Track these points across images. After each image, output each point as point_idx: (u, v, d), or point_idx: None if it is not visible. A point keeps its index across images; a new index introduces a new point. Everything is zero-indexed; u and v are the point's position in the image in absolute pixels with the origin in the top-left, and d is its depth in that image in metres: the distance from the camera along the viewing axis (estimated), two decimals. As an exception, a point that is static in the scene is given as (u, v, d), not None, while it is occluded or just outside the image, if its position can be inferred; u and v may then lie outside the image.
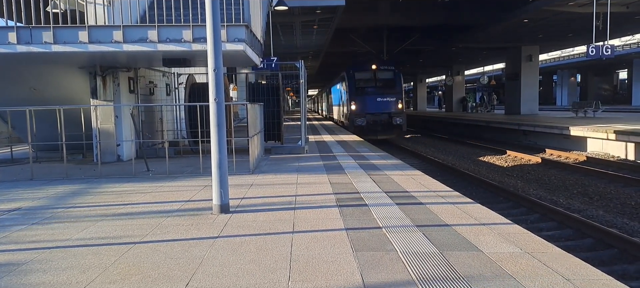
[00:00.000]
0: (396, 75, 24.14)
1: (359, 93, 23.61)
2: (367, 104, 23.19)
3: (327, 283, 3.53)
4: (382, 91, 23.43)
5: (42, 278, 3.72)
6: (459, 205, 5.96)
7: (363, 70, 24.48)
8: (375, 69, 24.16)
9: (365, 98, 23.38)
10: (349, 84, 24.22)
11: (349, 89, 24.10)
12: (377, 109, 23.06)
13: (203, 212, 5.84)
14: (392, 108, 23.19)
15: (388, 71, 24.27)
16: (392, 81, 23.98)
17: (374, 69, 24.17)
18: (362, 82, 23.96)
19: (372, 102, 23.19)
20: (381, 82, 23.94)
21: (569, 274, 3.62)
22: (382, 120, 23.01)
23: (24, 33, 8.41)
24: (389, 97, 23.29)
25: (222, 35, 8.17)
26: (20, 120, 10.99)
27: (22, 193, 7.45)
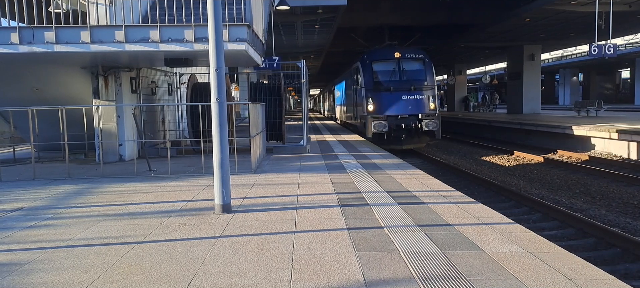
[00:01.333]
0: (427, 66, 18.59)
1: (378, 89, 18.15)
2: (388, 104, 17.92)
3: (329, 282, 3.53)
4: (408, 86, 17.90)
5: (44, 278, 3.72)
6: (460, 205, 5.95)
7: (383, 58, 18.80)
8: (399, 58, 18.52)
9: (386, 95, 17.99)
10: (365, 77, 18.67)
11: (365, 83, 18.57)
12: (402, 109, 17.72)
13: (205, 212, 5.84)
14: (421, 108, 17.84)
15: (416, 60, 18.68)
16: (422, 73, 18.45)
17: (398, 57, 18.54)
18: (382, 75, 18.45)
19: (396, 100, 17.87)
20: (407, 74, 18.33)
21: (571, 274, 3.62)
22: (409, 125, 17.64)
23: (26, 33, 8.43)
24: (417, 94, 17.87)
25: (224, 35, 8.16)
26: (22, 120, 11.01)
27: (25, 193, 7.47)
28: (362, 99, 18.82)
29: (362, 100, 18.78)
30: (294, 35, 23.35)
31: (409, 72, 18.37)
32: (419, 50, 19.32)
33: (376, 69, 18.64)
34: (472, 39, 28.15)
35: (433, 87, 18.35)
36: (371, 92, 18.25)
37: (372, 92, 18.21)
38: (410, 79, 18.17)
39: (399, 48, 19.47)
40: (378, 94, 18.10)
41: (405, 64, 18.55)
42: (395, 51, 18.86)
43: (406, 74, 18.30)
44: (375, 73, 18.53)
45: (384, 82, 18.26)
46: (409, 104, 17.78)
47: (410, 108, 17.71)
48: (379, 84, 18.30)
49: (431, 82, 18.40)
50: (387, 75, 18.40)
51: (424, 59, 18.74)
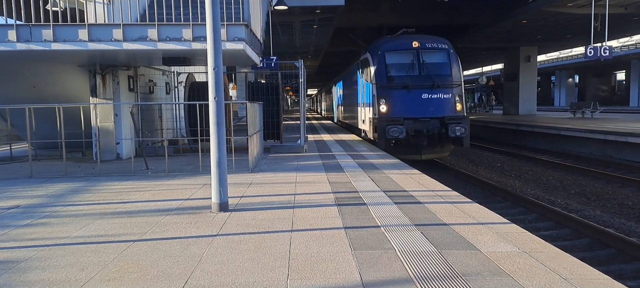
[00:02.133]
0: (451, 58, 15.38)
1: (392, 86, 14.94)
2: (405, 104, 14.68)
3: (325, 281, 3.55)
4: (430, 83, 14.68)
5: (41, 276, 3.73)
6: (457, 205, 5.98)
7: (399, 49, 15.47)
8: (418, 48, 15.25)
9: (402, 94, 14.81)
10: (377, 71, 15.28)
11: (377, 78, 15.22)
12: (422, 111, 14.58)
13: (202, 210, 5.85)
14: (446, 110, 14.64)
15: (438, 51, 15.47)
16: (446, 66, 15.26)
17: (416, 47, 15.27)
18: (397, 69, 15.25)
19: (415, 100, 14.70)
20: (428, 67, 15.04)
21: (566, 273, 3.65)
22: (431, 130, 14.40)
23: (23, 31, 8.42)
24: (440, 93, 14.72)
25: (222, 34, 8.18)
26: (19, 118, 10.98)
27: (22, 190, 7.46)
28: (372, 98, 15.45)
29: (371, 100, 15.49)
30: (292, 35, 23.37)
31: (431, 66, 15.06)
32: (442, 39, 15.86)
33: (390, 61, 15.23)
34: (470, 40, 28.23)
35: (459, 83, 15.11)
36: (384, 89, 14.94)
37: (386, 90, 14.90)
38: (432, 73, 14.85)
39: (417, 36, 15.78)
40: (392, 92, 14.84)
41: (425, 55, 15.17)
42: (413, 40, 15.39)
43: (427, 68, 14.97)
44: (389, 66, 15.15)
45: (400, 78, 14.92)
46: (431, 104, 14.60)
47: (432, 109, 14.55)
48: (393, 80, 14.95)
49: (457, 77, 15.16)
50: (403, 69, 15.07)
51: (448, 49, 15.45)
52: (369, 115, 16.05)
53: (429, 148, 14.99)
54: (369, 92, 15.90)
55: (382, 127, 14.22)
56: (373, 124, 15.40)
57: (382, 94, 14.92)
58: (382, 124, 14.26)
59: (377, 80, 15.15)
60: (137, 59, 10.61)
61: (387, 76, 15.04)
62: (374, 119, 15.22)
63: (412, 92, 14.72)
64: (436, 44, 15.54)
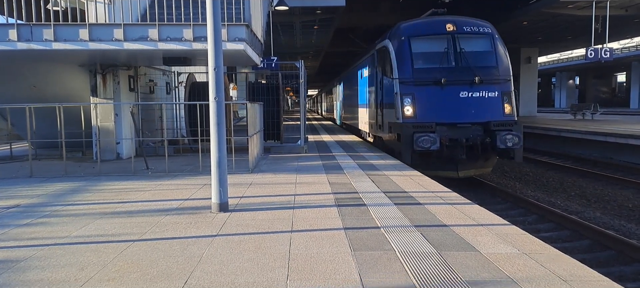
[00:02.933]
0: (497, 45, 12.14)
1: (420, 81, 11.73)
2: (438, 105, 11.61)
3: (325, 282, 3.55)
4: (470, 77, 11.51)
5: (40, 275, 3.73)
6: (456, 206, 5.98)
7: (429, 33, 12.23)
8: (454, 32, 12.02)
9: (434, 92, 11.64)
10: (400, 62, 12.04)
11: (400, 72, 11.94)
12: (460, 114, 11.53)
13: (202, 211, 5.85)
14: (492, 112, 11.61)
15: (481, 36, 12.20)
16: (490, 55, 12.03)
17: (451, 30, 12.06)
18: (427, 59, 11.97)
19: (450, 100, 11.58)
20: (468, 57, 11.79)
21: (566, 275, 3.64)
22: (471, 139, 11.26)
23: (24, 30, 8.42)
24: (485, 90, 11.59)
25: (223, 34, 8.17)
26: (20, 118, 10.98)
27: (21, 190, 7.46)
28: (392, 97, 12.13)
29: (391, 100, 12.19)
30: (292, 36, 23.38)
31: (470, 55, 11.78)
32: (483, 22, 12.64)
33: (418, 49, 11.95)
34: (470, 41, 28.19)
35: (509, 78, 11.90)
36: (409, 86, 11.69)
37: (412, 87, 11.67)
38: (473, 65, 11.62)
39: (451, 18, 12.55)
40: (421, 90, 11.61)
41: (463, 41, 11.91)
42: (446, 22, 12.17)
43: (465, 58, 11.70)
44: (417, 56, 11.89)
45: (431, 71, 11.65)
46: (471, 105, 11.44)
47: (474, 112, 11.43)
48: (422, 74, 11.69)
49: (505, 70, 11.95)
50: (435, 60, 11.81)
51: (492, 34, 12.24)
52: (388, 118, 12.60)
53: (469, 162, 11.64)
54: (389, 90, 12.49)
55: (407, 135, 11.02)
56: (394, 130, 12.04)
57: (408, 92, 11.64)
58: (407, 130, 11.11)
59: (400, 74, 11.84)
60: (138, 58, 10.61)
61: (413, 69, 11.72)
62: (395, 124, 11.86)
63: (447, 89, 11.44)
64: (477, 27, 12.25)
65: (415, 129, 11.16)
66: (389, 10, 22.75)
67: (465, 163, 11.69)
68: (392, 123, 12.19)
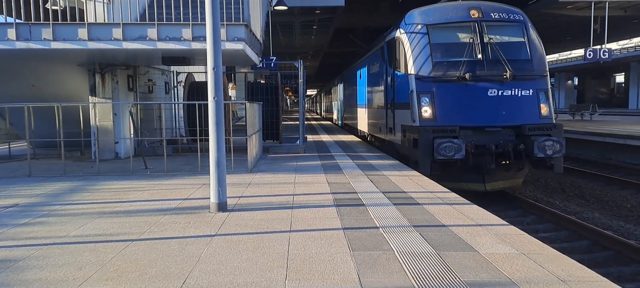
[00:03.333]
0: (530, 35, 10.51)
1: (441, 77, 10.15)
2: (463, 105, 10.06)
3: (323, 282, 3.55)
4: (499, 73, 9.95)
5: (39, 275, 3.72)
6: (455, 206, 5.98)
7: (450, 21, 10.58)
8: (480, 19, 10.39)
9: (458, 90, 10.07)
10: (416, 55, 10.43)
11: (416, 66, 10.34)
12: (488, 116, 9.99)
13: (201, 210, 5.85)
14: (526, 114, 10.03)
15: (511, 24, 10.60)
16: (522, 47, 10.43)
17: (477, 17, 10.44)
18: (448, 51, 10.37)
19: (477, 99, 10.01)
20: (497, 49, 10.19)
21: (564, 275, 3.65)
22: (502, 145, 9.79)
23: (23, 29, 8.41)
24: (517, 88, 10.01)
25: (222, 34, 8.18)
26: (18, 117, 10.98)
27: (20, 189, 7.45)
28: (406, 95, 10.53)
29: (405, 99, 10.59)
30: (291, 36, 23.39)
31: (500, 47, 10.14)
32: (514, 8, 10.96)
33: (437, 39, 10.34)
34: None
35: (545, 73, 10.25)
36: (428, 83, 10.09)
37: (430, 84, 10.07)
38: (503, 58, 9.97)
39: (476, 2, 10.85)
40: (442, 88, 10.03)
41: (491, 30, 10.29)
42: (470, 8, 10.56)
43: (494, 50, 10.08)
44: (436, 48, 10.25)
45: (454, 65, 10.03)
46: (502, 105, 9.88)
47: (505, 113, 9.86)
48: (443, 69, 10.09)
49: (541, 64, 10.29)
50: (458, 52, 10.18)
51: (524, 22, 10.61)
52: (401, 120, 11.03)
53: (498, 173, 10.13)
54: (402, 87, 10.87)
55: (426, 141, 9.49)
56: (408, 134, 10.35)
57: (426, 90, 10.02)
58: (426, 135, 9.52)
59: (417, 68, 10.21)
60: (137, 58, 10.61)
61: (433, 63, 10.08)
62: (410, 127, 10.25)
63: (473, 86, 9.84)
64: (506, 14, 10.59)
65: (436, 133, 9.55)
66: (388, 10, 22.75)
67: (493, 175, 10.10)
68: (406, 126, 10.52)
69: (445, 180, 9.21)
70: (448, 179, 9.71)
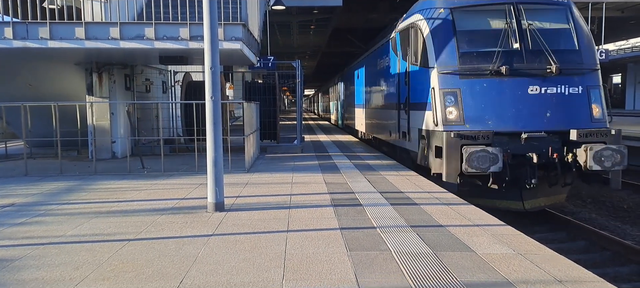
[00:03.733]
0: (577, 23, 8.90)
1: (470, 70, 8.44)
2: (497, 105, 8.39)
3: (321, 282, 3.55)
4: (542, 65, 8.30)
5: (35, 274, 3.71)
6: (453, 206, 5.99)
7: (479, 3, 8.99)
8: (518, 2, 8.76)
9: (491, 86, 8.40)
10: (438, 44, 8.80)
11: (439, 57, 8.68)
12: (529, 119, 8.26)
13: (198, 210, 5.84)
14: (575, 116, 8.36)
15: (553, 8, 9.06)
16: (568, 36, 8.81)
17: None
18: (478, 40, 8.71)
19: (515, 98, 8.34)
20: (538, 38, 8.47)
21: (561, 276, 3.65)
22: (545, 155, 8.14)
23: (20, 28, 8.38)
24: (563, 84, 8.31)
25: (219, 33, 8.17)
26: (15, 116, 10.94)
27: (16, 189, 7.43)
28: (425, 93, 8.91)
29: (424, 97, 8.98)
30: (289, 35, 23.37)
31: (542, 34, 8.44)
32: None
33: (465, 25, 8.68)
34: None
35: (596, 67, 8.63)
36: (453, 77, 8.44)
37: (456, 79, 8.41)
38: (545, 48, 8.27)
39: None
40: (471, 84, 8.35)
41: (530, 15, 8.65)
42: None
43: (535, 39, 8.40)
44: (463, 36, 8.56)
45: (486, 56, 8.37)
46: (546, 105, 8.19)
47: (550, 115, 8.17)
48: (472, 60, 8.44)
49: (590, 55, 8.67)
50: (490, 41, 8.51)
51: (569, 5, 9.01)
52: (417, 123, 9.34)
53: (540, 188, 8.38)
54: (420, 84, 9.19)
55: (452, 149, 7.87)
56: (428, 140, 8.65)
57: (451, 86, 8.36)
58: (452, 142, 7.88)
59: (440, 61, 8.53)
60: (134, 57, 10.58)
61: (459, 53, 8.43)
62: (430, 132, 8.56)
63: (510, 82, 8.19)
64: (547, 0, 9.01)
65: (464, 140, 7.85)
66: (389, 10, 22.74)
67: (534, 190, 8.34)
68: (426, 130, 8.77)
69: (474, 196, 7.93)
70: (478, 195, 8.21)
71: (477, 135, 7.92)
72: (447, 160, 7.92)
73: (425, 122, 8.88)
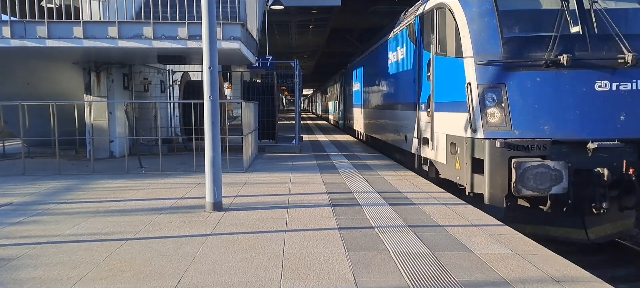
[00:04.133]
0: None
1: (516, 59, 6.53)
2: (554, 106, 6.40)
3: (319, 282, 3.55)
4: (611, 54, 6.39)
5: (33, 274, 3.70)
6: (451, 207, 5.99)
7: None
8: None
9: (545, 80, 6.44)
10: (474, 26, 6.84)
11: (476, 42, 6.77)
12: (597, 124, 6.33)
13: (196, 210, 5.83)
14: None
15: None
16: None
17: None
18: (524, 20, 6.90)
19: (577, 96, 6.37)
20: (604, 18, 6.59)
21: (558, 276, 3.66)
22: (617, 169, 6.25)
23: (18, 27, 8.37)
24: None
25: (218, 33, 8.16)
26: (13, 115, 10.91)
27: (14, 188, 7.41)
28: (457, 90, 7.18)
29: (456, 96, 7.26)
30: (287, 35, 23.37)
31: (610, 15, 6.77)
32: None
33: (508, 4, 6.99)
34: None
35: None
36: (495, 69, 6.71)
37: (500, 70, 6.71)
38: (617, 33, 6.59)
39: None
40: (520, 77, 6.62)
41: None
42: None
43: (602, 21, 6.74)
44: (508, 17, 6.91)
45: (538, 43, 6.69)
46: (618, 106, 6.48)
47: (624, 119, 6.46)
48: (521, 47, 6.75)
49: None
50: (543, 23, 6.95)
51: None
52: (445, 128, 7.57)
53: (609, 215, 6.71)
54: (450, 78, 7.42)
55: (498, 163, 6.27)
56: (466, 150, 6.81)
57: (493, 81, 6.61)
58: (499, 153, 6.28)
59: (477, 49, 6.79)
60: (132, 57, 10.58)
61: (503, 40, 6.66)
62: (467, 139, 6.78)
63: (570, 77, 6.50)
64: None
65: (514, 150, 6.23)
66: (388, 10, 22.74)
67: (601, 216, 6.63)
68: (457, 137, 7.07)
69: (519, 222, 6.23)
70: (525, 221, 6.59)
71: (531, 144, 6.23)
72: (491, 177, 6.24)
73: (457, 127, 7.07)
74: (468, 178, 6.73)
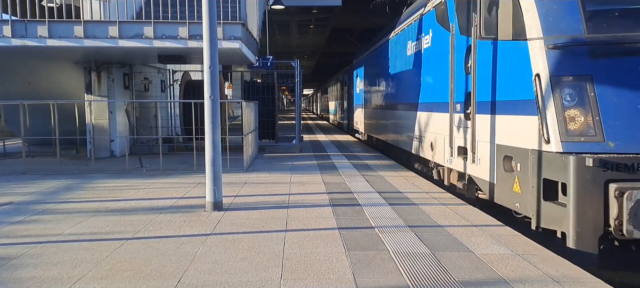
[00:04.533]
0: None
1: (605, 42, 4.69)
2: None
3: (319, 281, 3.55)
4: None
5: (33, 273, 3.71)
6: (451, 207, 5.99)
7: None
8: None
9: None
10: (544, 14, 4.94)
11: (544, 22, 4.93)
12: None
13: (196, 209, 5.83)
14: None
15: None
16: None
17: None
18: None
19: None
20: None
21: (558, 276, 3.66)
22: None
23: (18, 26, 8.37)
24: None
25: (218, 32, 8.16)
26: (13, 114, 10.92)
27: (15, 187, 7.41)
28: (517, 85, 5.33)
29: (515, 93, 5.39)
30: (288, 35, 23.38)
31: None
32: None
33: None
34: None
35: None
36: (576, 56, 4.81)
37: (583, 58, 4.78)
38: None
39: None
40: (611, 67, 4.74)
41: None
42: None
43: None
44: None
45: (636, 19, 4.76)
46: None
47: None
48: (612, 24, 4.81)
49: None
50: None
51: None
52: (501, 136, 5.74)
53: None
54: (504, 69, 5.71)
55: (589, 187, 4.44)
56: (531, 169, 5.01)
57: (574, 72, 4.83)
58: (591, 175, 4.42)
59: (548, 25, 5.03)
60: (133, 56, 10.58)
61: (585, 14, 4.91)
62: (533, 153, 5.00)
63: None
64: None
65: (614, 171, 4.46)
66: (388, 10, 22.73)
67: None
68: (516, 149, 5.37)
69: (612, 268, 4.98)
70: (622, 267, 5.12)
71: (631, 160, 4.45)
72: (579, 209, 4.49)
73: (514, 135, 5.42)
74: (534, 208, 4.96)
